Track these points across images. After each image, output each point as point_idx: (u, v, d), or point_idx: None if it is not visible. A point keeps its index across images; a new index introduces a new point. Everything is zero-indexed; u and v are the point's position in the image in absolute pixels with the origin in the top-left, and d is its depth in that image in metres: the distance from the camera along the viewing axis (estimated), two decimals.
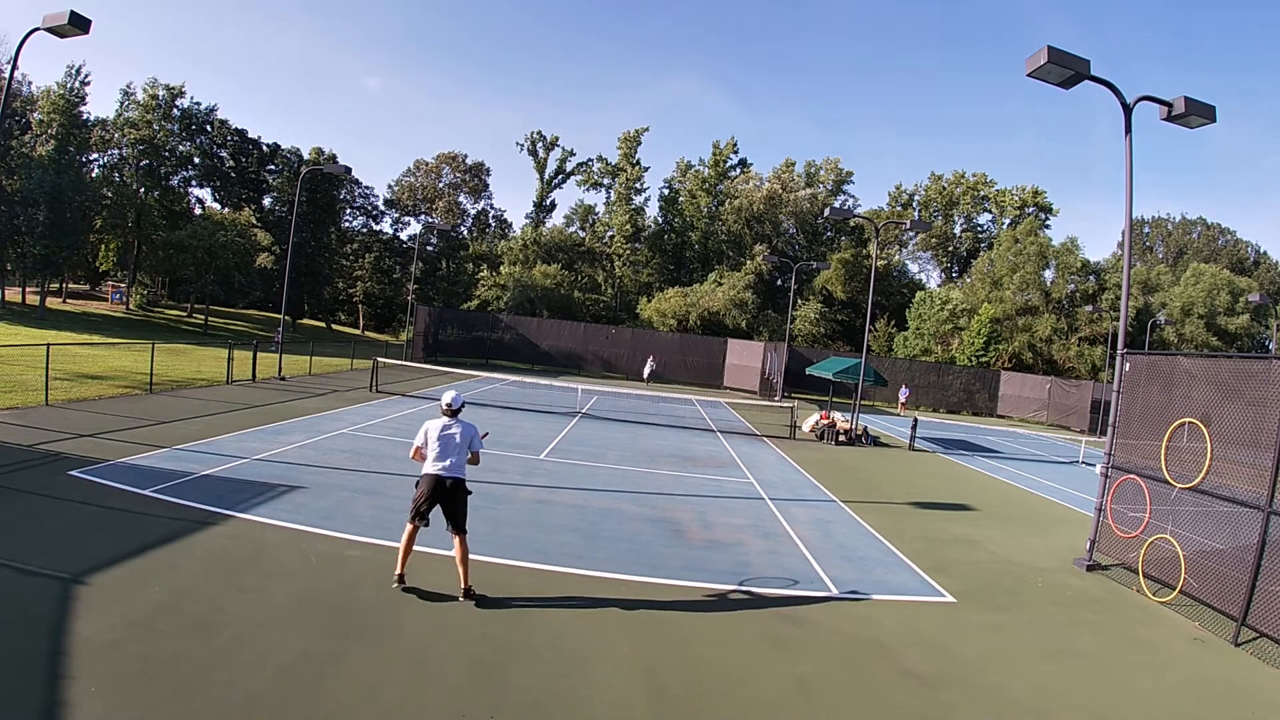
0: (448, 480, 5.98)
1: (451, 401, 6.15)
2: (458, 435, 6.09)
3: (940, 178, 61.17)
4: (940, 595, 7.63)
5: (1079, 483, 17.27)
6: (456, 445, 6.07)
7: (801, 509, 11.11)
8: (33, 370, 14.81)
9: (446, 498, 5.98)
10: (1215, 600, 7.47)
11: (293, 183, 50.95)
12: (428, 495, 5.96)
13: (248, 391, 17.91)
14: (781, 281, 55.74)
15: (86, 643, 4.63)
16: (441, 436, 6.05)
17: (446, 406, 6.16)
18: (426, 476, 6.00)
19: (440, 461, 6.01)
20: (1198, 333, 48.07)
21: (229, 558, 6.41)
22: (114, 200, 45.46)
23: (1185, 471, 8.06)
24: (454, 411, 6.14)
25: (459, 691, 4.57)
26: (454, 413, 6.14)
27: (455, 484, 6.00)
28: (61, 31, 11.02)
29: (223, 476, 9.13)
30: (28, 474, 8.41)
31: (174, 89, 49.23)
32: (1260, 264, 66.03)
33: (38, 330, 30.13)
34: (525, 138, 61.35)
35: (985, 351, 44.26)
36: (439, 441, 6.03)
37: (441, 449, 6.03)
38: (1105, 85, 9.08)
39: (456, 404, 6.16)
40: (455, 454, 6.05)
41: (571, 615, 6.03)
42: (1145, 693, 5.73)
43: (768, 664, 5.49)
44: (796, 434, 20.12)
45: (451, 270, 61.02)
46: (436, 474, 5.97)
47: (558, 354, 39.87)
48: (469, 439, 6.17)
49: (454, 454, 6.04)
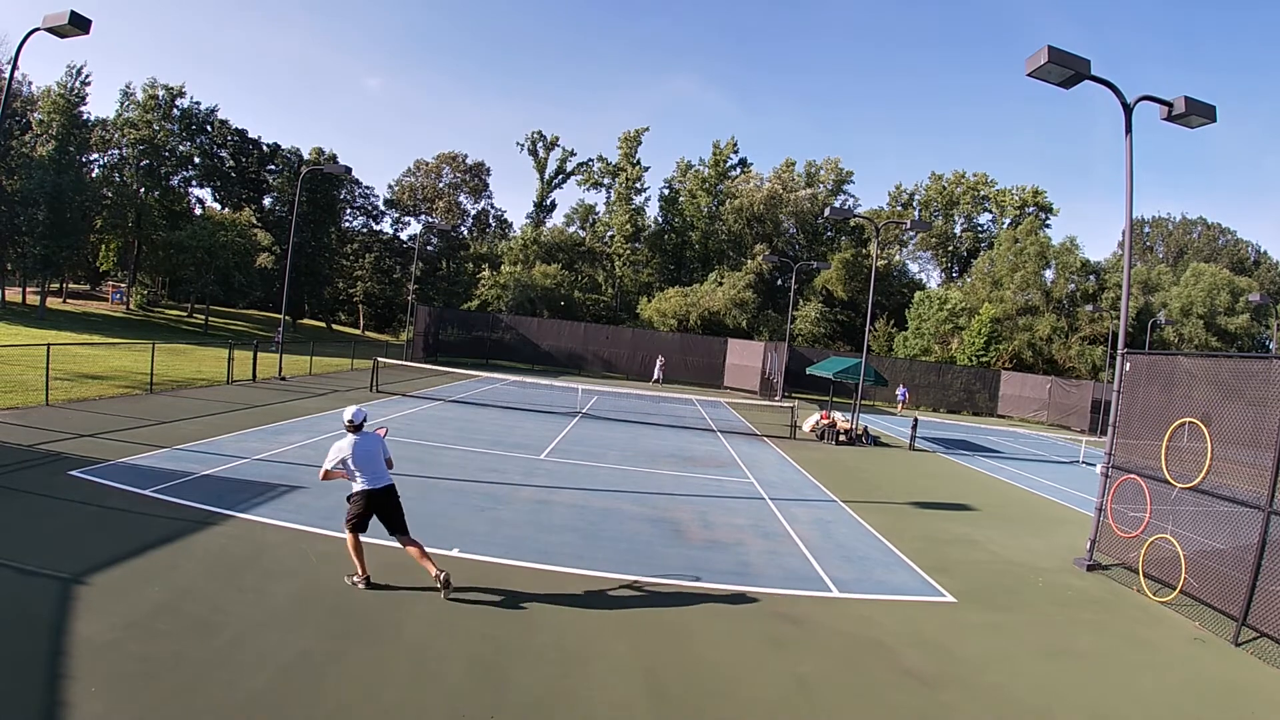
0: (382, 491, 6.18)
1: (354, 417, 6.21)
2: (376, 449, 6.28)
3: (940, 177, 61.16)
4: (940, 595, 7.62)
5: (1079, 483, 17.26)
6: (378, 458, 6.26)
7: (802, 509, 11.11)
8: (33, 370, 14.82)
9: (384, 507, 6.18)
10: (1215, 600, 7.47)
11: (293, 183, 50.98)
12: (366, 510, 6.13)
13: (248, 391, 17.91)
14: (782, 281, 55.74)
15: (86, 643, 4.63)
16: (364, 455, 6.13)
17: (350, 423, 6.20)
18: (362, 494, 6.11)
19: (372, 479, 6.14)
20: (1197, 332, 48.05)
21: (229, 558, 6.41)
22: (114, 200, 45.47)
23: (1185, 471, 8.05)
24: (358, 426, 6.21)
25: (459, 691, 4.57)
26: (358, 428, 6.21)
27: (388, 490, 6.23)
28: (61, 31, 11.02)
29: (223, 476, 9.13)
30: (28, 474, 8.41)
31: (174, 89, 49.25)
32: (1261, 264, 66.01)
33: (38, 330, 30.14)
34: (525, 138, 61.44)
35: (985, 351, 44.25)
36: (364, 461, 6.12)
37: (369, 467, 6.15)
38: (1105, 85, 9.08)
39: (359, 418, 6.24)
40: (380, 466, 6.26)
41: (572, 615, 6.03)
42: (1145, 693, 5.73)
43: (768, 664, 5.49)
44: (797, 434, 20.12)
45: (452, 270, 61.02)
46: (372, 490, 6.13)
47: (558, 354, 39.86)
48: (382, 448, 6.39)
49: (379, 466, 6.25)
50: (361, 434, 6.23)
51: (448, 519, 8.48)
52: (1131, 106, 9.13)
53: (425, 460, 11.65)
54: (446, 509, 8.92)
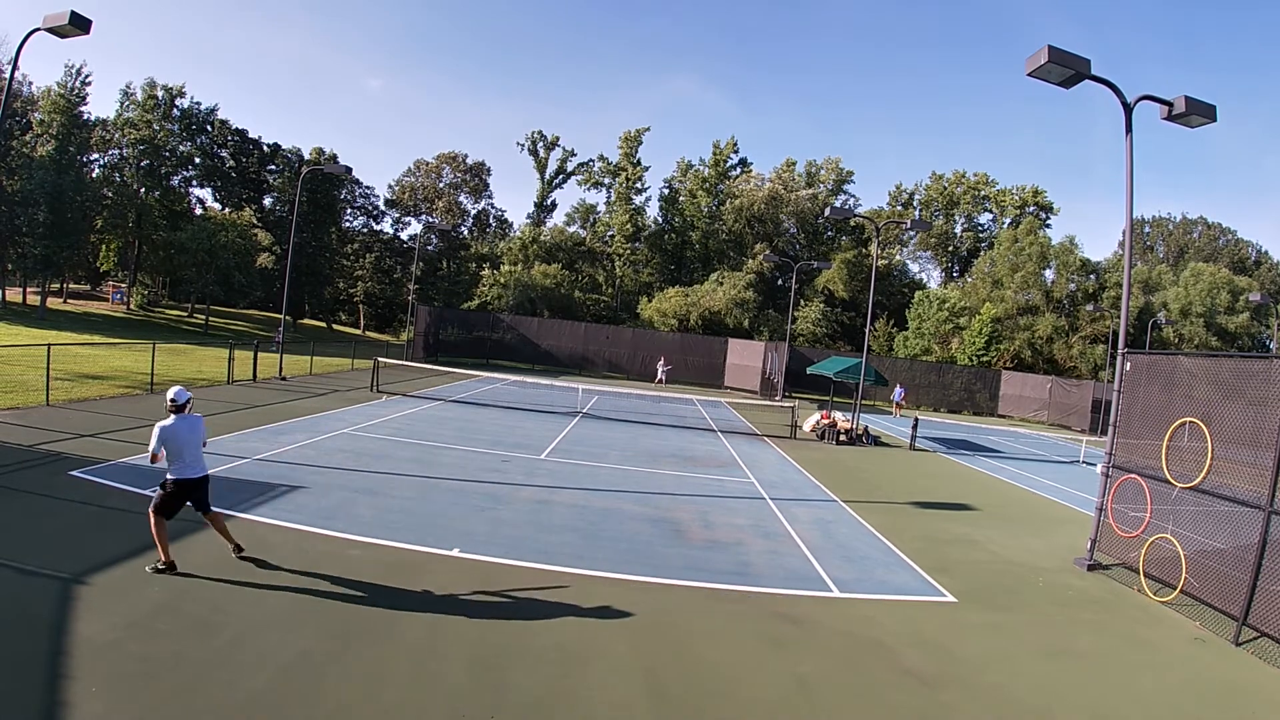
0: (196, 481, 6.05)
1: (175, 397, 6.00)
2: (197, 435, 6.11)
3: (941, 177, 61.16)
4: (941, 595, 7.62)
5: (1080, 482, 17.26)
6: (197, 445, 6.09)
7: (802, 509, 11.11)
8: (33, 370, 14.82)
9: (197, 494, 6.09)
10: (1216, 600, 7.46)
11: (293, 183, 50.98)
12: (177, 499, 5.96)
13: (248, 391, 17.91)
14: (782, 281, 55.74)
15: (86, 642, 4.63)
16: (188, 441, 5.97)
17: (172, 403, 5.98)
18: (181, 482, 5.93)
19: (192, 466, 6.01)
20: (1197, 332, 48.01)
21: (229, 558, 6.40)
22: (114, 200, 45.48)
23: (1186, 471, 8.05)
24: (180, 408, 6.00)
25: (459, 691, 4.57)
26: (180, 409, 6.00)
27: (202, 481, 6.11)
28: (62, 32, 11.03)
29: (223, 476, 9.13)
30: (28, 474, 8.41)
31: (174, 89, 49.26)
32: (1261, 264, 65.93)
33: (38, 330, 30.15)
34: (526, 138, 61.47)
35: (986, 351, 44.23)
36: (187, 446, 5.96)
37: (191, 453, 6.00)
38: (1106, 85, 9.07)
39: (182, 399, 6.02)
40: (199, 453, 6.12)
41: (572, 615, 6.03)
42: (1146, 692, 5.72)
43: (768, 664, 5.49)
44: (797, 434, 20.12)
45: (452, 270, 61.00)
46: (192, 479, 6.00)
47: (558, 354, 39.86)
48: (202, 433, 6.21)
49: (198, 453, 6.10)
50: (183, 416, 6.00)
51: (448, 519, 8.48)
52: (1132, 106, 9.13)
53: (426, 460, 11.66)
54: (447, 509, 8.92)
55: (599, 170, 60.10)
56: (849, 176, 59.83)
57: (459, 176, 64.90)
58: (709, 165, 57.35)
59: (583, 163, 60.99)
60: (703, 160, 58.03)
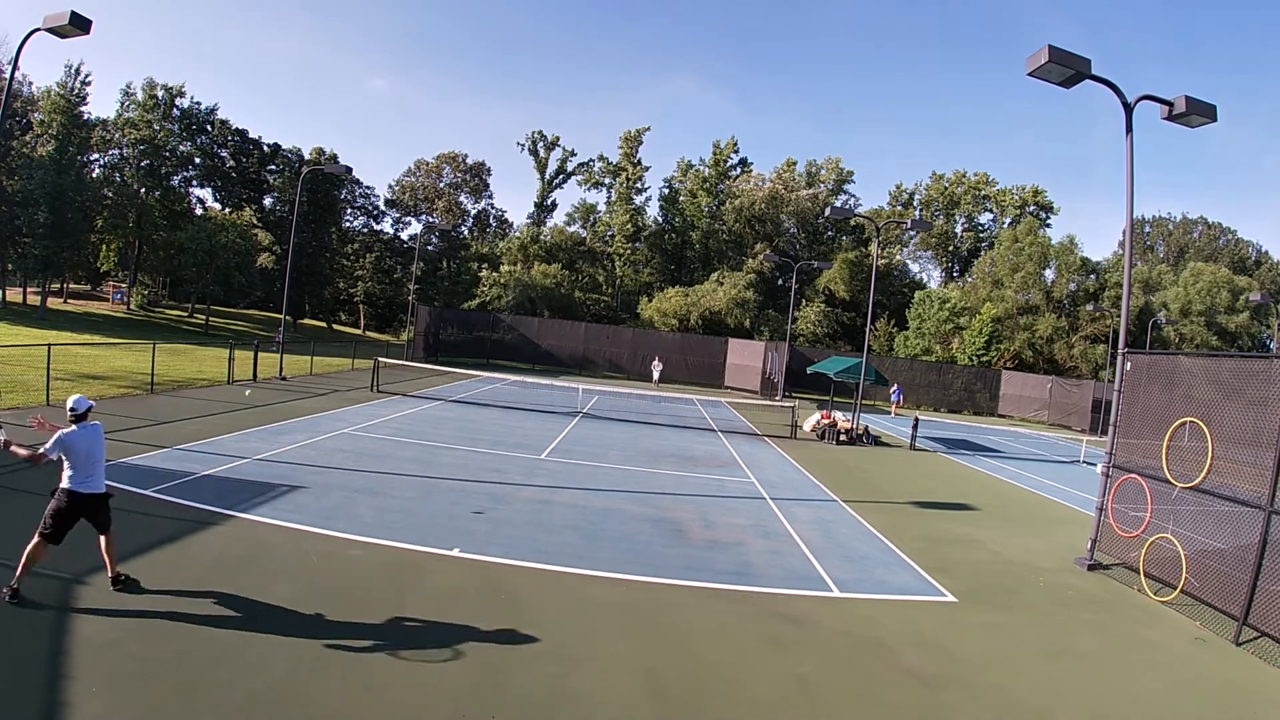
0: (94, 499, 5.48)
1: (75, 405, 5.53)
2: (98, 448, 5.58)
3: (941, 177, 61.13)
4: (941, 595, 7.62)
5: (1080, 482, 17.25)
6: (98, 459, 5.55)
7: (803, 509, 11.11)
8: (34, 370, 14.81)
9: (98, 513, 5.51)
10: (1216, 600, 7.46)
11: (293, 183, 50.97)
12: (69, 516, 5.36)
13: (248, 391, 17.90)
14: (782, 281, 55.70)
15: (86, 642, 4.64)
16: (89, 452, 5.45)
17: (72, 412, 5.49)
18: (78, 497, 5.34)
19: (90, 479, 5.45)
20: (1197, 332, 47.99)
21: (229, 558, 6.41)
22: (115, 200, 45.45)
23: (1186, 471, 8.05)
24: (81, 416, 5.50)
25: (459, 691, 4.57)
26: (81, 417, 5.50)
27: (101, 499, 5.54)
28: (62, 32, 11.03)
29: (223, 476, 9.14)
30: (28, 474, 8.40)
31: (174, 89, 49.25)
32: (1261, 263, 65.91)
33: (38, 330, 30.14)
34: (526, 137, 61.29)
35: (986, 351, 44.20)
36: (88, 458, 5.43)
37: (93, 465, 5.47)
38: (1106, 85, 9.07)
39: (82, 407, 5.54)
40: (99, 468, 5.57)
41: (572, 615, 6.03)
42: (1146, 692, 5.72)
43: (768, 664, 5.49)
44: (797, 434, 20.11)
45: (452, 270, 60.97)
46: (89, 494, 5.41)
47: (559, 354, 39.85)
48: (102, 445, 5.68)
49: (98, 468, 5.56)
50: (83, 426, 5.49)
51: (449, 519, 8.48)
52: (1132, 106, 9.12)
53: (426, 460, 11.66)
54: (447, 509, 8.92)
55: (599, 170, 60.05)
56: (849, 176, 59.84)
57: (459, 176, 64.89)
58: (709, 165, 57.30)
59: (583, 163, 60.96)
60: (703, 160, 58.00)
